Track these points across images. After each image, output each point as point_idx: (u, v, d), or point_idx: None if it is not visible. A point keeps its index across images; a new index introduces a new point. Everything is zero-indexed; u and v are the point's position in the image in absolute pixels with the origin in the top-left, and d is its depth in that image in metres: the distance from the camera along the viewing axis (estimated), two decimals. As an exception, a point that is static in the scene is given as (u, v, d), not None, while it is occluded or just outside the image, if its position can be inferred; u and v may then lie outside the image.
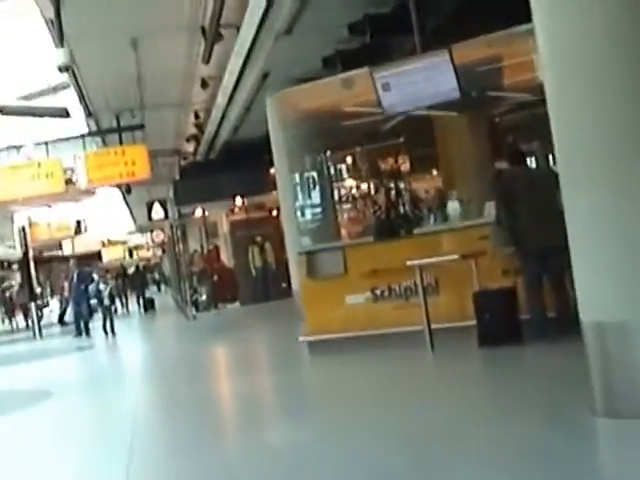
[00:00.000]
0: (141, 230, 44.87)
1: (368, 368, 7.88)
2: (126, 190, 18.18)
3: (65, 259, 35.47)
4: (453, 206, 9.20)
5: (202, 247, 21.33)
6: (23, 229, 20.49)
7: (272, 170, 16.83)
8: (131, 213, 33.80)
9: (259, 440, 5.66)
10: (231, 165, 18.27)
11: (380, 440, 4.94)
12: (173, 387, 9.25)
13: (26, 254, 20.33)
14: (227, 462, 5.17)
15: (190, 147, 21.06)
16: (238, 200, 20.77)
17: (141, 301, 28.57)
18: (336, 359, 8.56)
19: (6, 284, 29.86)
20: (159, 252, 48.43)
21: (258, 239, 20.59)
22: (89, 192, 26.08)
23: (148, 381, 10.53)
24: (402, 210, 12.92)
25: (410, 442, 4.85)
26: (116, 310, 26.59)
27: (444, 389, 6.44)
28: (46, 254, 43.05)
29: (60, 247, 38.38)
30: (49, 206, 26.99)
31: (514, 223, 7.55)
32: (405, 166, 14.28)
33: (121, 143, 16.53)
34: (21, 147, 17.71)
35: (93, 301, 17.17)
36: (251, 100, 13.69)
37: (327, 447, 5.08)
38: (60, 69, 11.01)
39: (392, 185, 14.22)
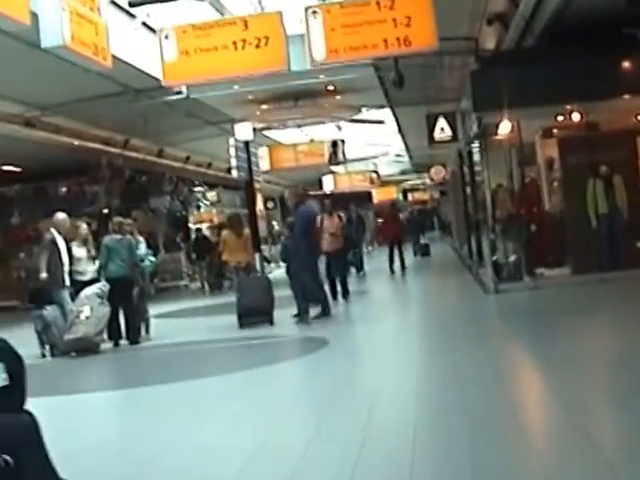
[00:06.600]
0: (417, 169, 38.41)
1: None
2: (397, 81, 10.85)
3: (326, 197, 29.52)
4: None
5: (511, 180, 13.67)
6: (246, 144, 13.25)
7: (625, 63, 12.28)
8: (404, 142, 27.00)
9: None
10: (560, 55, 12.21)
11: None
12: None
13: (250, 184, 13.40)
14: None
15: (491, 38, 13.91)
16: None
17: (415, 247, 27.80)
18: None
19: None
20: (437, 194, 41.66)
21: (603, 170, 12.87)
22: (349, 108, 19.55)
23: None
24: None
25: None
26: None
27: None
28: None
29: (320, 184, 32.02)
30: (299, 126, 20.32)
31: None
32: None
33: (383, -10, 9.42)
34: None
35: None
36: None
37: None
38: None
39: None
